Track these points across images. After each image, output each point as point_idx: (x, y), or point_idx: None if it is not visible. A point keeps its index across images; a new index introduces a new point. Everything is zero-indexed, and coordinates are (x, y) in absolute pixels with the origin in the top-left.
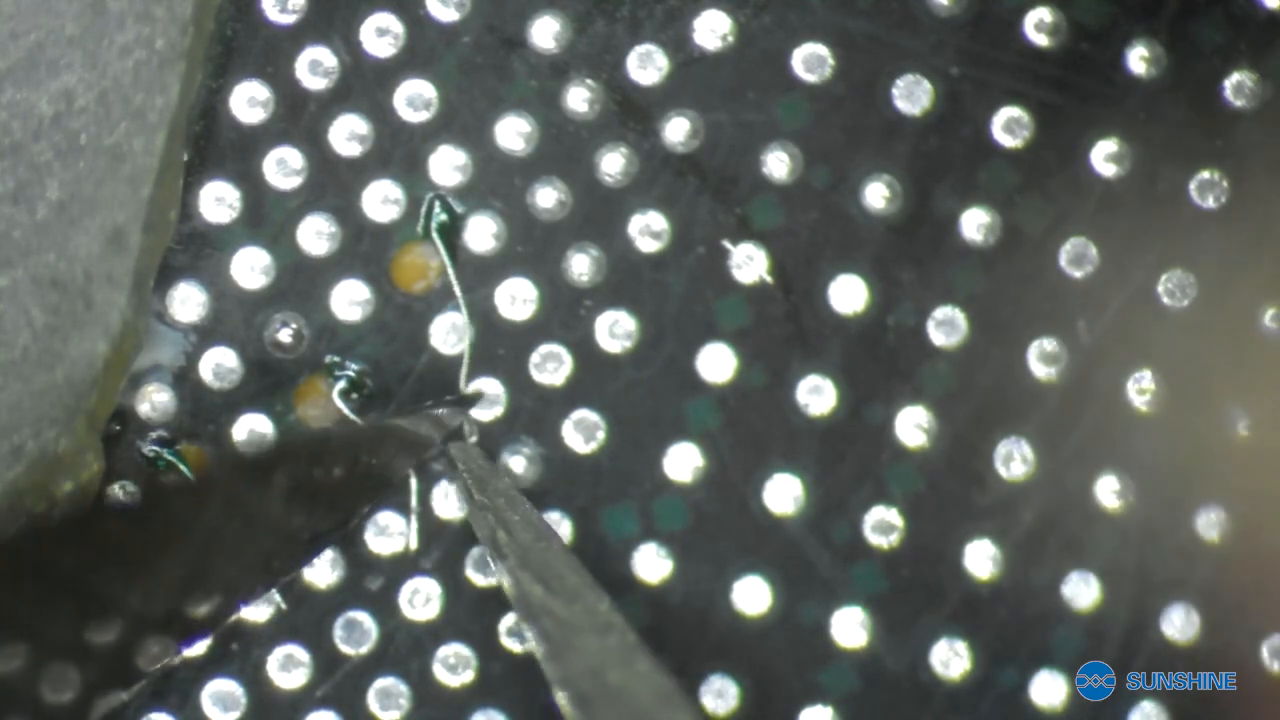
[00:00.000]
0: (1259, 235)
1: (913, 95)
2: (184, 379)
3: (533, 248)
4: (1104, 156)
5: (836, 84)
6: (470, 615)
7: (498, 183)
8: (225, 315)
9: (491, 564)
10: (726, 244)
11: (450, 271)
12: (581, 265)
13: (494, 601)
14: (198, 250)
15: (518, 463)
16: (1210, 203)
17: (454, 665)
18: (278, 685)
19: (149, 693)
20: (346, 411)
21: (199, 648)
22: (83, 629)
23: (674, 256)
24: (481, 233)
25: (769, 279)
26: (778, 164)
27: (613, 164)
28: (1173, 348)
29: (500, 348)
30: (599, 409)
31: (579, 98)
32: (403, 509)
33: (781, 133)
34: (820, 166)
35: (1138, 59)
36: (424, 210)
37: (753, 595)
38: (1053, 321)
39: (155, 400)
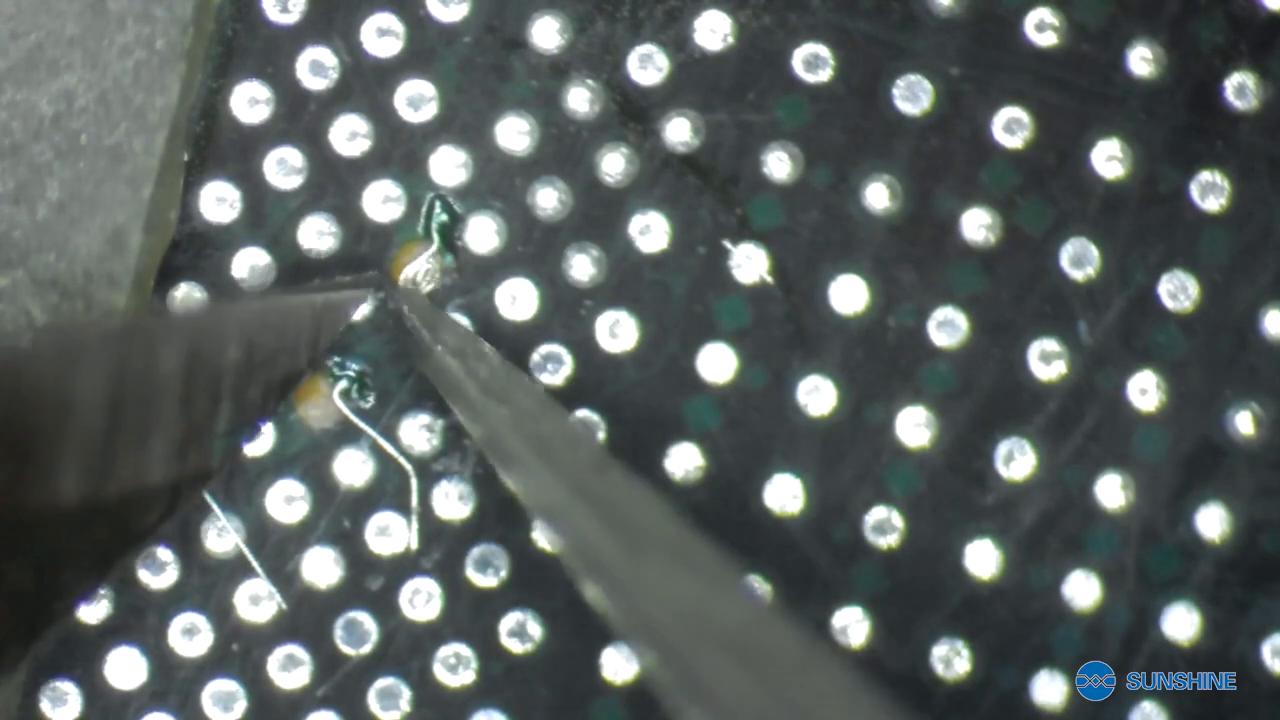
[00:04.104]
0: (1259, 236)
1: (913, 95)
2: None
3: (533, 248)
4: (1105, 157)
5: (837, 84)
6: (470, 615)
7: (498, 183)
8: None
9: (449, 401)
10: (727, 244)
11: (432, 261)
12: (582, 265)
13: (494, 601)
14: (198, 250)
15: None
16: (1211, 204)
17: (454, 665)
18: (278, 685)
19: (149, 692)
20: (347, 412)
21: (198, 646)
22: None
23: (674, 256)
24: (482, 233)
25: (769, 279)
26: (778, 164)
27: (613, 164)
28: (1173, 348)
29: (501, 348)
30: (599, 409)
31: (579, 98)
32: (403, 509)
33: (782, 133)
34: (821, 167)
35: (1138, 59)
36: (424, 210)
37: None
38: (1053, 322)
39: None
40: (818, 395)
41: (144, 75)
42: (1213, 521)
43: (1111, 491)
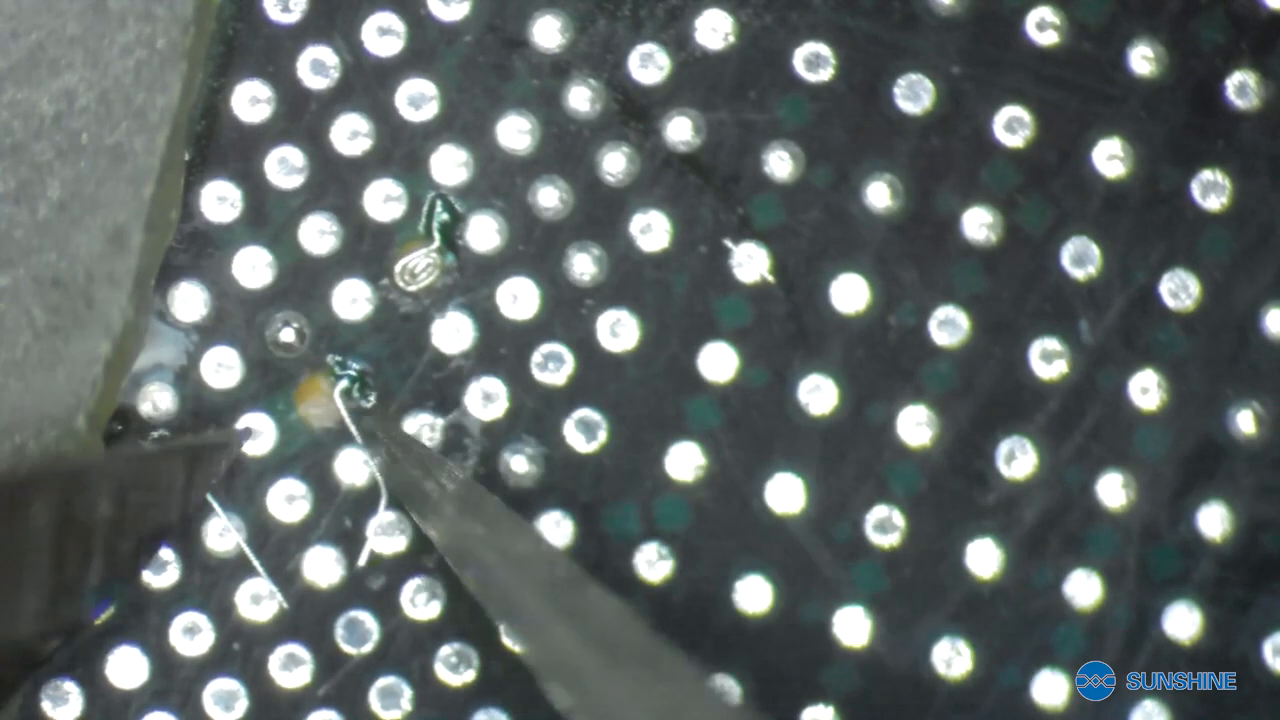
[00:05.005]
0: (1260, 235)
1: (914, 94)
2: (185, 378)
3: (534, 247)
4: (1106, 156)
5: (838, 83)
6: (472, 614)
7: (499, 182)
8: (227, 314)
9: (421, 524)
10: (728, 243)
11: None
12: (583, 264)
13: None
14: (199, 249)
15: (519, 462)
16: (1212, 203)
17: (455, 664)
18: (279, 684)
19: (150, 691)
20: (345, 414)
21: (200, 645)
22: None
23: (675, 255)
24: (483, 232)
25: (770, 278)
26: (779, 163)
27: (614, 163)
28: (1175, 346)
29: (502, 347)
30: (600, 408)
31: (581, 97)
32: (404, 509)
33: (783, 132)
34: (822, 165)
35: (1139, 58)
36: (425, 209)
37: (754, 594)
38: (1054, 321)
39: (157, 400)
40: (819, 394)
41: (145, 74)
42: (1214, 520)
43: (1112, 490)
